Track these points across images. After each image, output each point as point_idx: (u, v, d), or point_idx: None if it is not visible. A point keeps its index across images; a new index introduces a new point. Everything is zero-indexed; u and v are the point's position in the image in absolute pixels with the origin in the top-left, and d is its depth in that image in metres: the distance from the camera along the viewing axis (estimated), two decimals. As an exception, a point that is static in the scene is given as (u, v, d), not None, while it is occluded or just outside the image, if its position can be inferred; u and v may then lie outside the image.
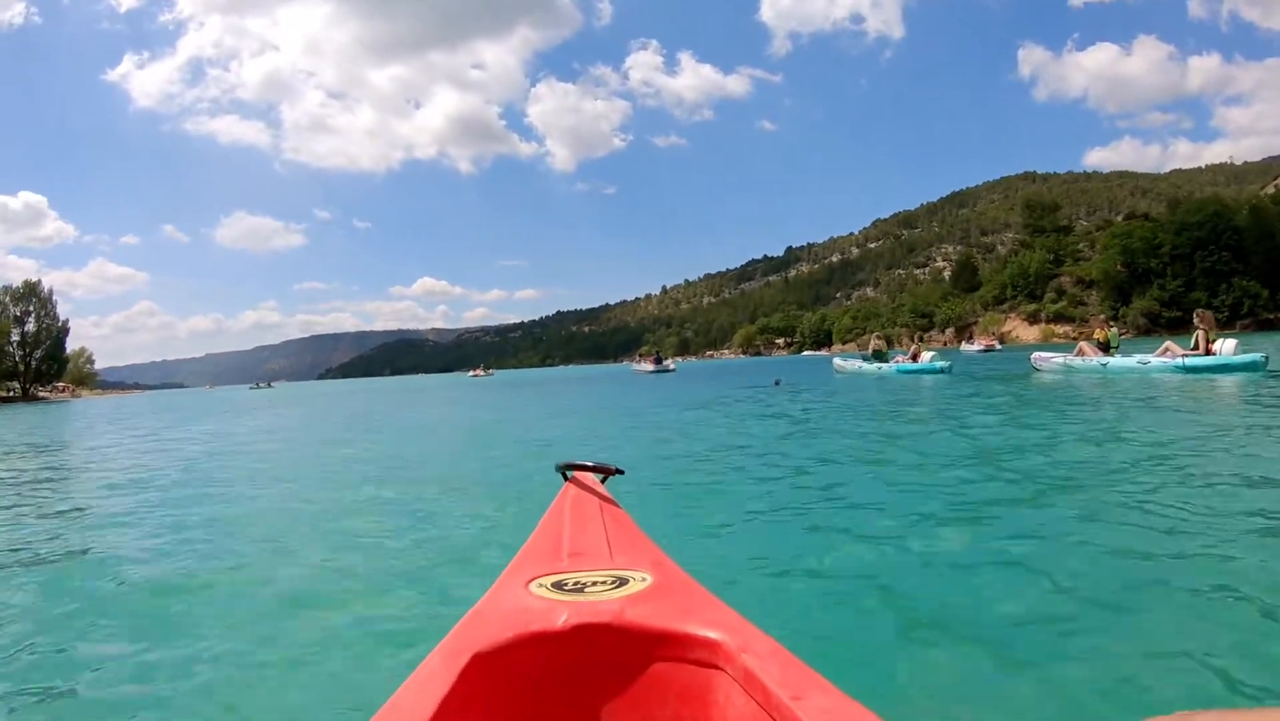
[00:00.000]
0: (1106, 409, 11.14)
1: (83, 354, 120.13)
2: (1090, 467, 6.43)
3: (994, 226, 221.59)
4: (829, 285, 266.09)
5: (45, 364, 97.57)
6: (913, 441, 8.85)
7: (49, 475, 10.65)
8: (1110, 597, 3.26)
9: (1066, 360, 21.30)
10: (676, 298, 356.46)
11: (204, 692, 2.79)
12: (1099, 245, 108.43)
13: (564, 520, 1.96)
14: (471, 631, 1.32)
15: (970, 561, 3.98)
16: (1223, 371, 16.44)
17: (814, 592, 3.66)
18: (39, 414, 38.25)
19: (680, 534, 4.81)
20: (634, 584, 1.48)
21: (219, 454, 12.43)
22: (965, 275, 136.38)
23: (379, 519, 6.00)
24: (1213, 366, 16.79)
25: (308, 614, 3.69)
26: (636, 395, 24.88)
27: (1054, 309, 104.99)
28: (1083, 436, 8.33)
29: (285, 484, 8.50)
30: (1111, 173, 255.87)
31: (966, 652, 2.83)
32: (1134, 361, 18.89)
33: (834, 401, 16.47)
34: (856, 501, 5.63)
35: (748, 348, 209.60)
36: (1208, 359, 17.09)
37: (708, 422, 12.95)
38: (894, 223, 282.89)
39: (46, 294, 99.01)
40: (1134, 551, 3.86)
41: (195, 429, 19.48)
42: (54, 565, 4.91)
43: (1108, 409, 11.11)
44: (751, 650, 1.22)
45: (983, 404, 13.47)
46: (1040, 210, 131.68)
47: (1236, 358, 16.61)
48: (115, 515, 6.70)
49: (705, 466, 7.65)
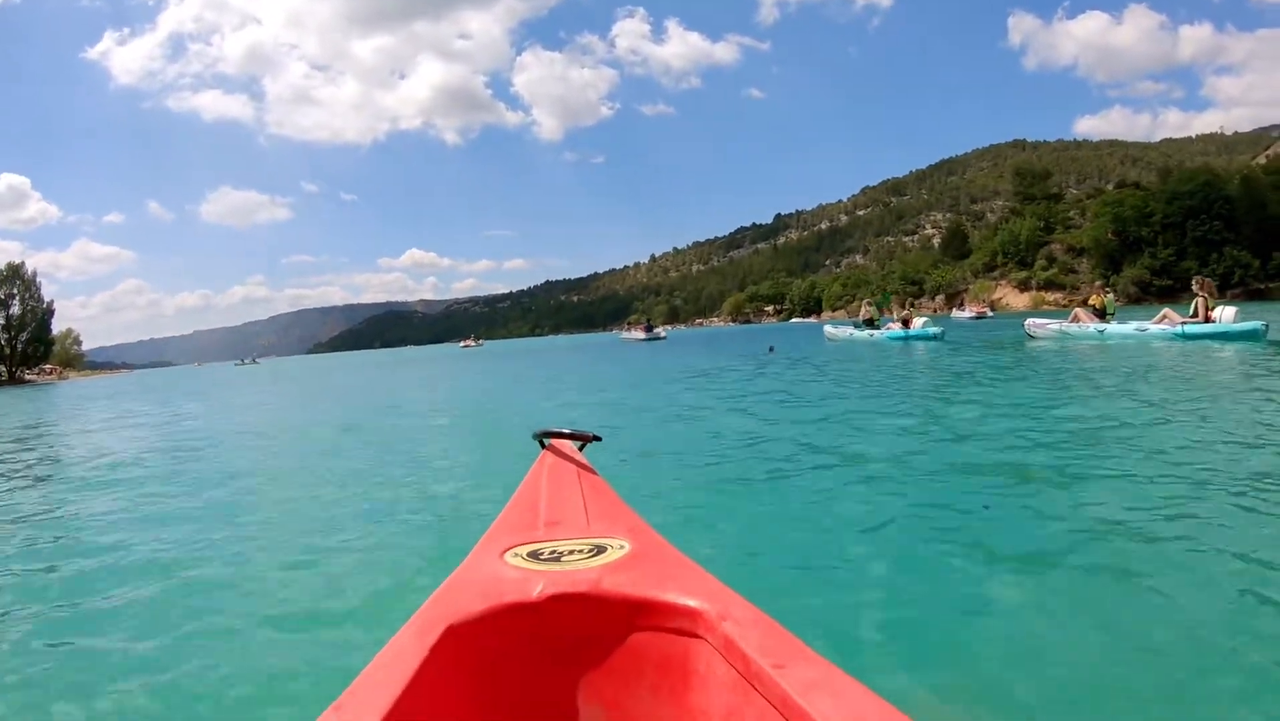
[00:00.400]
0: (1106, 376, 10.95)
1: (69, 335, 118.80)
2: (1091, 435, 6.32)
3: (983, 194, 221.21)
4: (818, 252, 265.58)
5: (31, 346, 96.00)
6: (907, 407, 8.83)
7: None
8: (1108, 568, 3.24)
9: (1062, 327, 21.11)
10: (665, 266, 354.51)
11: (166, 671, 2.75)
12: (1090, 213, 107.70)
13: (541, 488, 1.94)
14: (445, 603, 1.29)
15: (962, 528, 3.93)
16: (1222, 339, 16.27)
17: (799, 560, 3.64)
18: (14, 399, 38.06)
19: (676, 503, 4.78)
20: (612, 552, 1.45)
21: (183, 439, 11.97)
22: (955, 243, 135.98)
23: (352, 492, 5.93)
24: (1212, 334, 16.63)
25: (277, 587, 3.67)
26: (630, 366, 24.38)
27: (1044, 276, 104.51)
28: (1084, 404, 8.23)
29: (259, 459, 8.53)
30: (1101, 141, 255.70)
31: (952, 621, 2.83)
32: (1131, 328, 18.76)
33: (829, 370, 16.30)
34: (854, 470, 5.56)
35: (737, 315, 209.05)
36: (1207, 326, 16.92)
37: (710, 394, 12.46)
38: (883, 190, 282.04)
39: (30, 276, 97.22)
40: (1131, 521, 3.82)
41: (156, 413, 18.50)
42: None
43: (1107, 376, 10.93)
44: (732, 617, 1.20)
45: (976, 370, 13.38)
46: (1031, 178, 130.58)
47: (1236, 325, 16.46)
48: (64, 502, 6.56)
49: (713, 445, 7.28)
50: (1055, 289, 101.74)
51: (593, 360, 30.10)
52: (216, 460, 8.62)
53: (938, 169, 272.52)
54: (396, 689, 1.04)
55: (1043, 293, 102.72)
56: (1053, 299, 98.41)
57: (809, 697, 0.98)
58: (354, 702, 1.01)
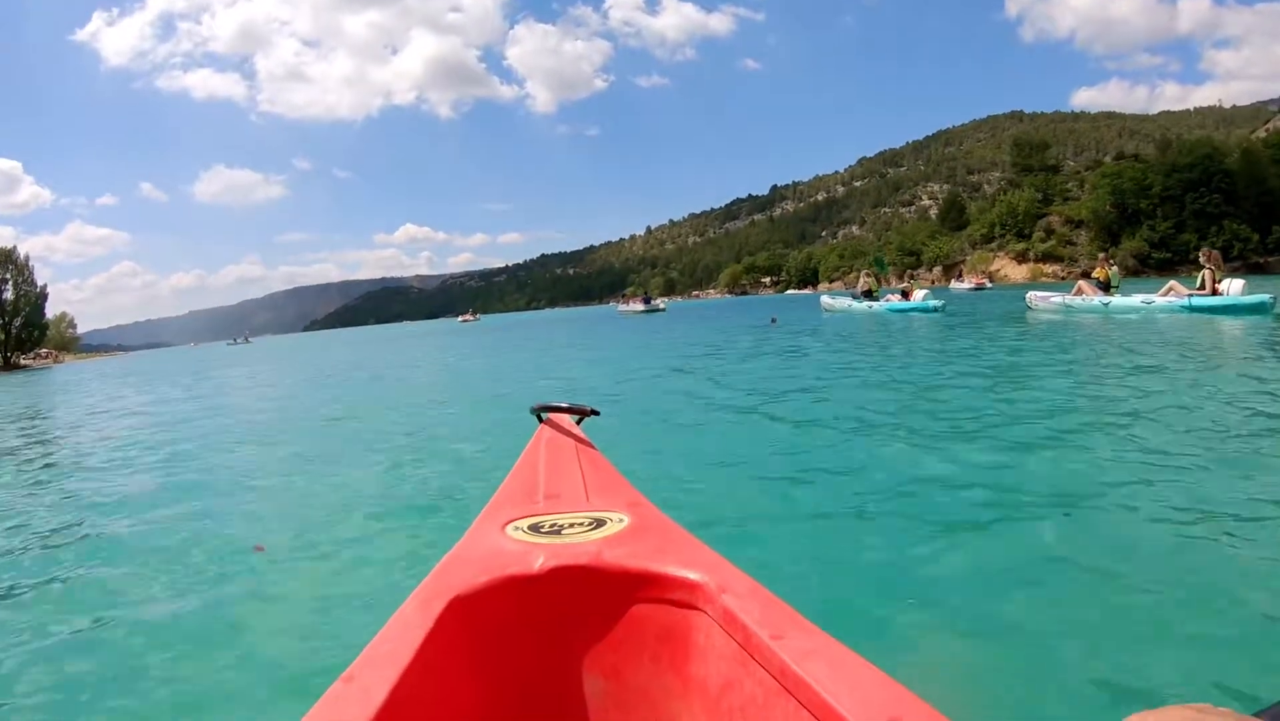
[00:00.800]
0: (1112, 350, 10.69)
1: (64, 319, 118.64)
2: (1101, 409, 6.29)
3: (980, 165, 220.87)
4: (814, 224, 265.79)
5: (25, 331, 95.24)
6: (912, 383, 8.66)
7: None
8: (1111, 555, 3.18)
9: (1065, 299, 20.79)
10: (661, 238, 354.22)
11: (170, 648, 2.82)
12: (1088, 185, 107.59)
13: (539, 462, 1.96)
14: (448, 575, 1.31)
15: (963, 506, 3.95)
16: (1229, 312, 15.98)
17: (802, 533, 3.70)
18: (7, 385, 37.94)
19: (681, 479, 4.77)
20: (611, 525, 1.47)
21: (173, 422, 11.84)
22: (953, 214, 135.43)
23: (353, 468, 6.03)
24: (1219, 307, 16.39)
25: (282, 562, 3.74)
26: (630, 340, 23.96)
27: (1043, 248, 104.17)
28: (1095, 379, 8.15)
29: (252, 437, 8.67)
30: (1099, 113, 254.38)
31: (949, 598, 2.86)
32: (1137, 301, 18.47)
33: (833, 343, 16.00)
34: (861, 445, 5.55)
35: (734, 287, 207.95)
36: (1215, 299, 16.66)
37: (714, 367, 12.20)
38: (879, 161, 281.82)
39: (23, 260, 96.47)
40: (1146, 503, 3.75)
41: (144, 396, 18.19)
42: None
43: (1114, 350, 10.65)
44: (731, 590, 1.22)
45: (981, 345, 13.04)
46: (1029, 149, 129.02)
47: (1244, 298, 16.23)
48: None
49: (717, 420, 7.22)
50: (1053, 260, 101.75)
51: (591, 334, 29.88)
52: (207, 439, 8.75)
53: (934, 140, 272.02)
54: (404, 659, 1.06)
55: (1041, 264, 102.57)
56: (1051, 270, 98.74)
57: (805, 666, 1.01)
58: (364, 673, 1.03)
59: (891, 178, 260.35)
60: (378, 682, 1.01)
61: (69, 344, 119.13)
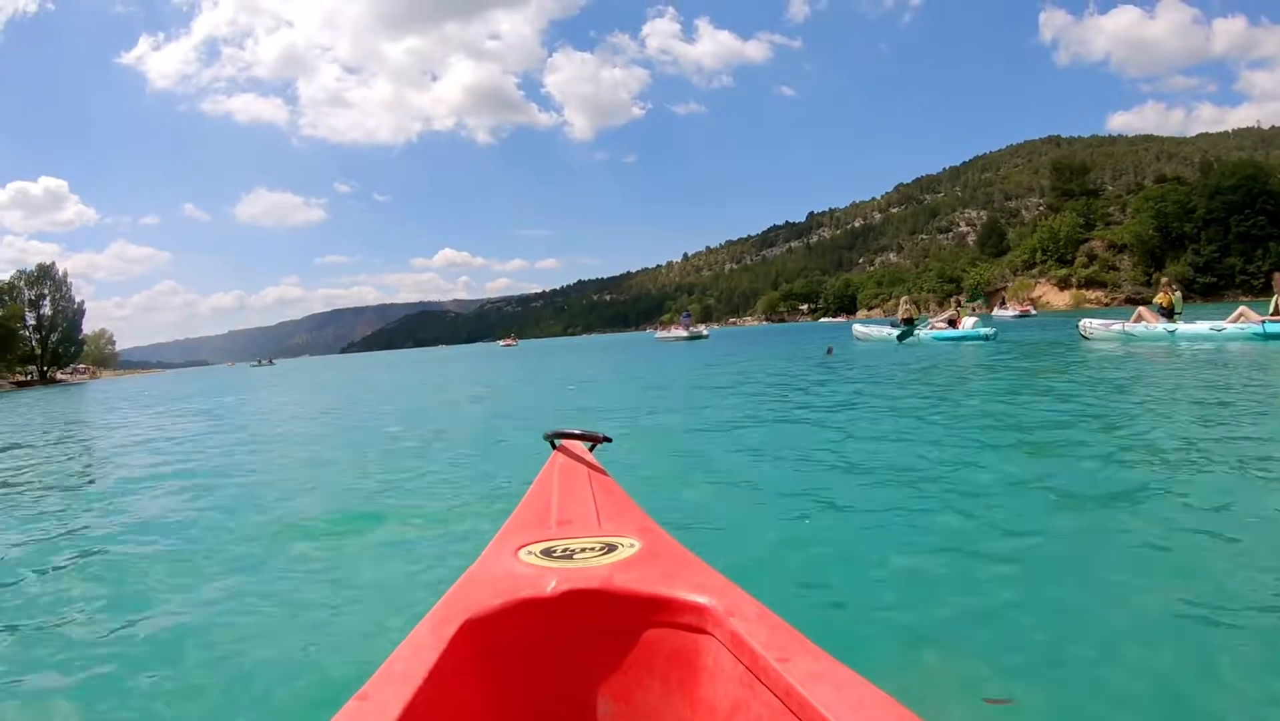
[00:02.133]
0: (1192, 382, 9.72)
1: (103, 335, 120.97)
2: (1194, 449, 5.51)
3: (1018, 191, 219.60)
4: (851, 250, 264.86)
5: (62, 346, 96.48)
6: (985, 420, 7.67)
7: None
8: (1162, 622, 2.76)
9: (1125, 327, 19.29)
10: (698, 265, 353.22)
11: (179, 676, 2.80)
12: (1130, 209, 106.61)
13: (552, 488, 2.00)
14: (462, 598, 1.33)
15: (1010, 547, 3.60)
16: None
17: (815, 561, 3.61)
18: (29, 400, 38.40)
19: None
20: (622, 550, 1.48)
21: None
22: (993, 240, 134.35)
23: (371, 490, 5.98)
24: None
25: (296, 582, 3.75)
26: (678, 371, 20.76)
27: (1085, 274, 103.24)
28: (1188, 415, 7.12)
29: (280, 455, 8.73)
30: (1136, 136, 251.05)
31: (964, 631, 2.75)
32: (1205, 328, 17.08)
33: (895, 377, 13.57)
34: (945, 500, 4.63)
35: (771, 314, 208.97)
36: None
37: (783, 405, 10.41)
38: (916, 187, 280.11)
39: (61, 276, 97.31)
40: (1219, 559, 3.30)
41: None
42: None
43: (1193, 382, 9.71)
44: (739, 614, 1.23)
45: (1043, 376, 12.16)
46: (1069, 173, 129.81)
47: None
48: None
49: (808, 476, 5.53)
50: (1096, 286, 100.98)
51: (634, 363, 28.23)
52: (231, 458, 8.76)
53: (971, 165, 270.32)
54: (417, 680, 1.08)
55: (1083, 291, 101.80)
56: (1094, 297, 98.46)
57: (812, 689, 1.02)
58: (378, 691, 1.05)
59: (928, 204, 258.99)
60: (392, 701, 1.03)
61: (108, 360, 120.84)
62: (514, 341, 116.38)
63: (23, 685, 2.78)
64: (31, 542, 5.04)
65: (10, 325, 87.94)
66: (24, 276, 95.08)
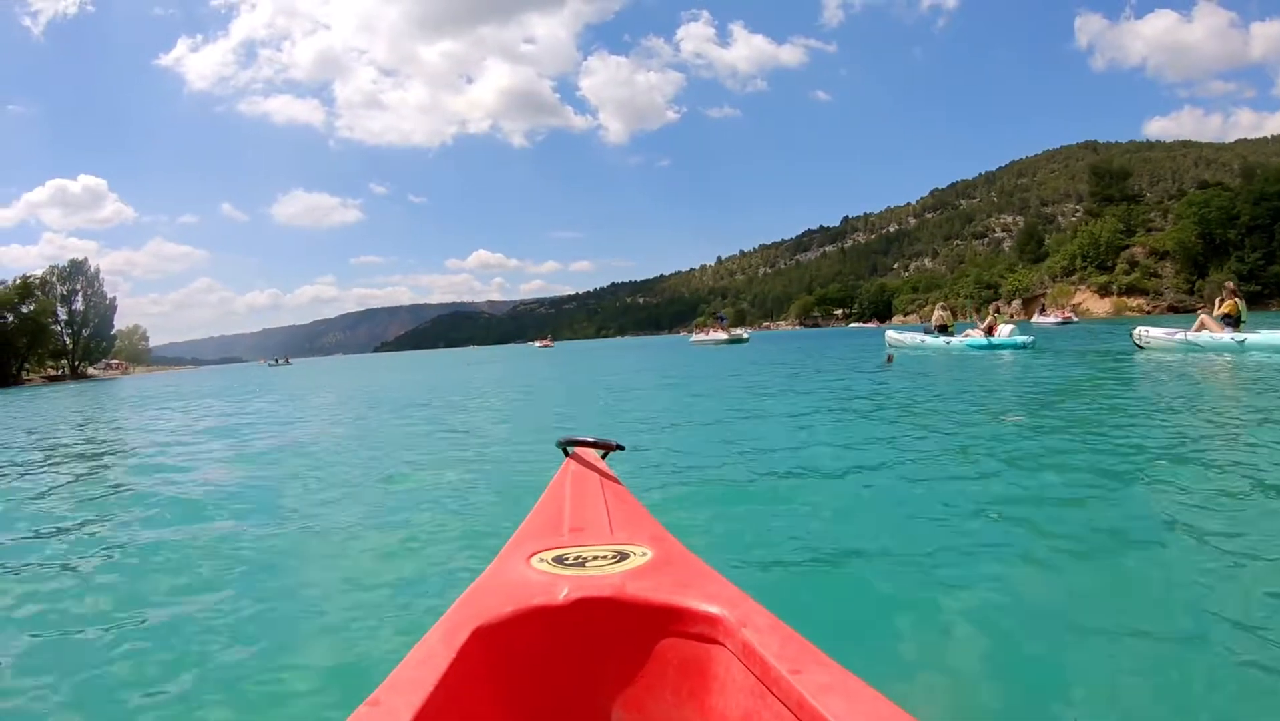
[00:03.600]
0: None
1: (136, 331, 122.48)
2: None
3: (1054, 197, 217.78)
4: (886, 256, 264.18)
5: (93, 341, 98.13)
6: (1038, 435, 6.94)
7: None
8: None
9: (1187, 336, 17.64)
10: (731, 268, 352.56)
11: (182, 681, 2.77)
12: (1172, 215, 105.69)
13: (565, 495, 2.01)
14: (473, 605, 1.33)
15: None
16: None
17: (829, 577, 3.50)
18: (51, 395, 38.84)
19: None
20: (634, 558, 1.49)
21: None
22: (1031, 245, 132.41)
23: (382, 500, 5.83)
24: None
25: (307, 587, 3.76)
26: (729, 381, 17.36)
27: (1126, 281, 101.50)
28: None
29: (285, 461, 8.36)
30: (1175, 142, 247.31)
31: (981, 644, 2.72)
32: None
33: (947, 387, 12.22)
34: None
35: (805, 319, 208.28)
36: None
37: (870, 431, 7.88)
38: (951, 193, 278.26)
39: (93, 272, 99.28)
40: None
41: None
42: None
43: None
44: (751, 624, 1.23)
45: (1088, 389, 10.99)
46: (1109, 178, 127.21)
47: None
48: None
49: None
50: (1137, 294, 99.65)
51: (676, 366, 26.21)
52: (243, 457, 8.79)
53: (1006, 170, 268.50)
54: (428, 686, 1.08)
55: (1124, 298, 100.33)
56: (1135, 304, 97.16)
57: (823, 700, 1.02)
58: (389, 697, 1.05)
59: (964, 209, 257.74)
60: (402, 707, 1.03)
61: (141, 356, 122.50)
62: (550, 342, 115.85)
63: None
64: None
65: (41, 320, 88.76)
66: (56, 272, 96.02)
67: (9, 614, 3.59)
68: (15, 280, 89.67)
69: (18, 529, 5.53)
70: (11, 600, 3.78)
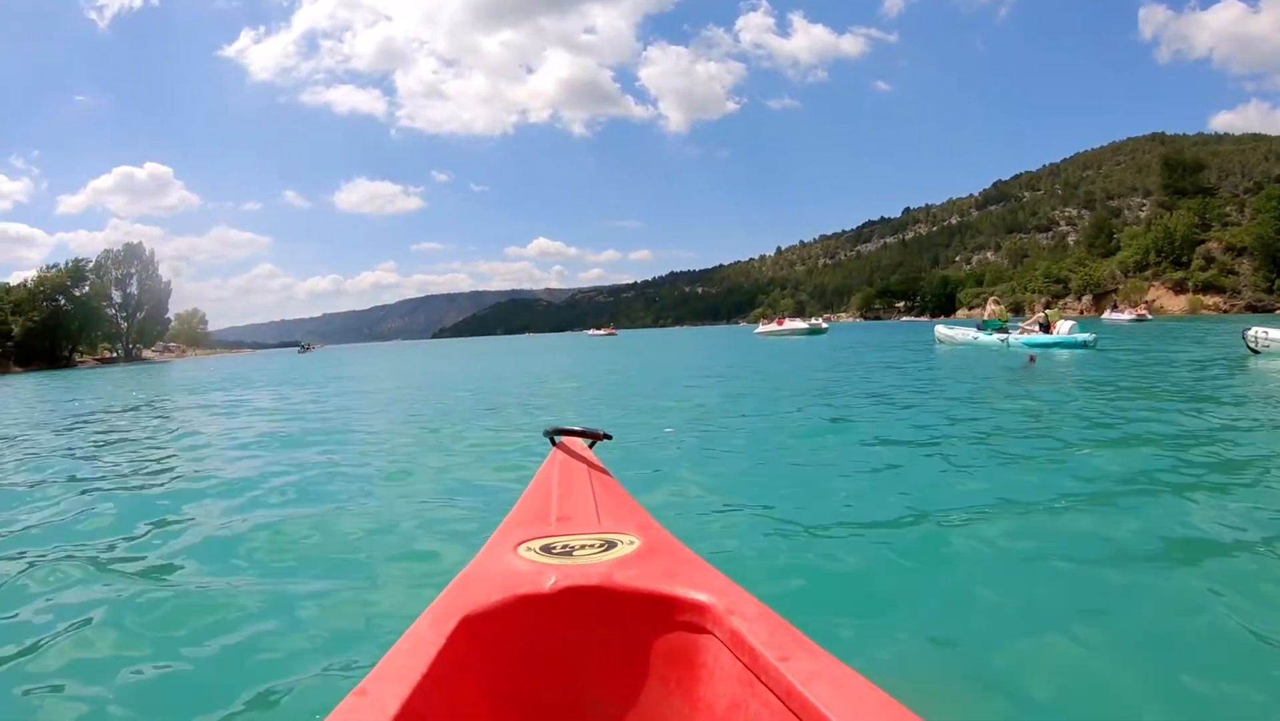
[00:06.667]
0: None
1: (195, 315, 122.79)
2: None
3: (1120, 190, 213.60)
4: (948, 248, 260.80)
5: (147, 324, 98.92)
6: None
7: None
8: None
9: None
10: (791, 259, 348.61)
11: (164, 670, 2.75)
12: (1250, 209, 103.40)
13: (552, 484, 2.00)
14: (460, 594, 1.32)
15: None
16: None
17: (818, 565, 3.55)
18: (87, 379, 38.60)
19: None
20: (622, 547, 1.48)
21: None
22: (1101, 239, 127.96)
23: (368, 488, 5.79)
24: None
25: (295, 576, 3.71)
26: (843, 383, 13.74)
27: (1202, 278, 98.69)
28: None
29: (280, 452, 8.13)
30: (1244, 135, 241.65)
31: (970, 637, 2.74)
32: None
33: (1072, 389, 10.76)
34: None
35: (866, 311, 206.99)
36: None
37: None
38: (1014, 185, 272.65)
39: (148, 255, 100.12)
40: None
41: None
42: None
43: None
44: (739, 612, 1.22)
45: (1183, 398, 9.15)
46: (1181, 170, 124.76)
47: None
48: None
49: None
50: (1214, 291, 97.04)
51: (759, 361, 23.37)
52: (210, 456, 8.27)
53: (1071, 163, 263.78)
54: (415, 676, 1.07)
55: (1200, 295, 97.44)
56: (1211, 302, 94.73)
57: (811, 687, 1.02)
58: (376, 687, 1.05)
59: (1027, 202, 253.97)
60: (390, 697, 1.02)
61: (200, 339, 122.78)
62: (614, 330, 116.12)
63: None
64: None
65: (95, 303, 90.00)
66: (111, 255, 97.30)
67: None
68: (67, 263, 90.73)
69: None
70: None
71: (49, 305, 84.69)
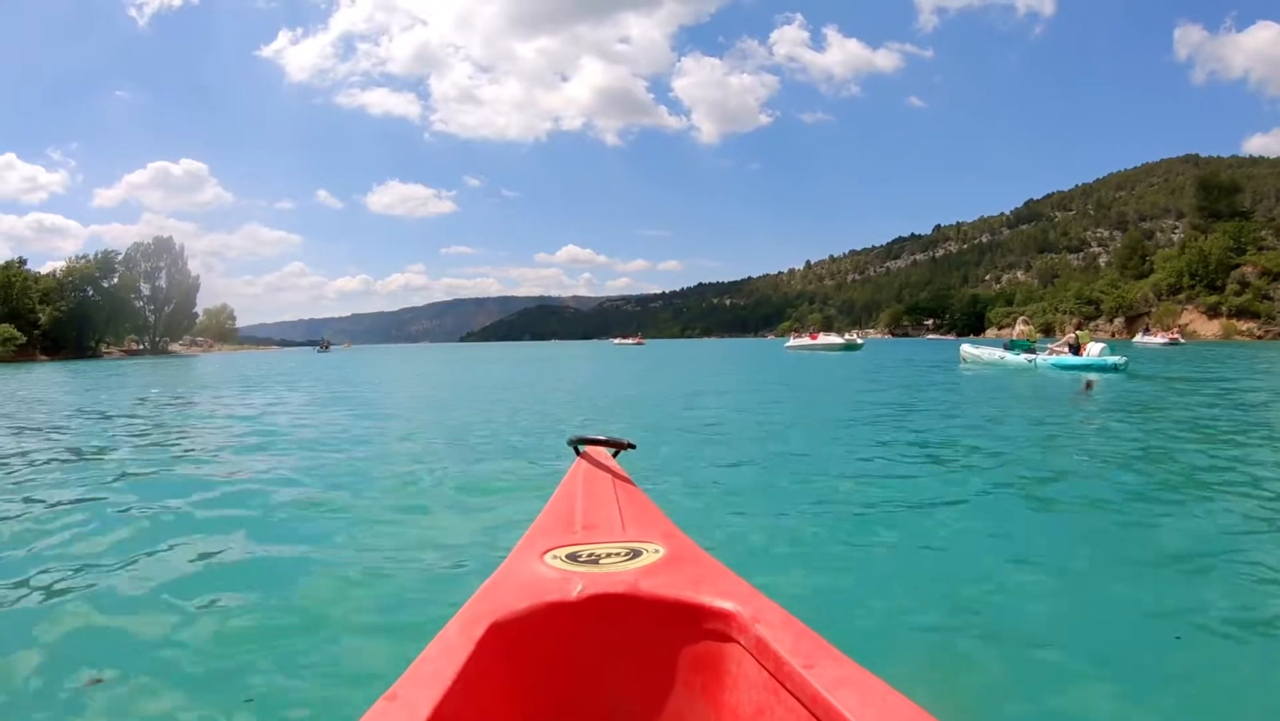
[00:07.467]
0: None
1: (224, 310, 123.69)
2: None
3: (1153, 212, 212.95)
4: (978, 267, 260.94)
5: (175, 318, 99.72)
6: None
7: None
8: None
9: None
10: (820, 273, 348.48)
11: (197, 674, 2.79)
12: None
13: (576, 493, 2.01)
14: (488, 601, 1.33)
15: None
16: None
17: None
18: (106, 371, 38.55)
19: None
20: (647, 555, 1.49)
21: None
22: (1134, 261, 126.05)
23: (399, 499, 5.79)
24: None
25: (325, 583, 3.74)
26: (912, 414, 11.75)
27: (1236, 303, 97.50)
28: None
29: (294, 457, 8.05)
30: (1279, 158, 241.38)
31: (996, 650, 2.85)
32: None
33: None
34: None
35: (894, 327, 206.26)
36: None
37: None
38: (1046, 204, 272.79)
39: (178, 249, 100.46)
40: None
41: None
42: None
43: None
44: (764, 620, 1.23)
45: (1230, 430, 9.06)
46: (1217, 192, 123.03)
47: None
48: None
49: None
50: (1248, 316, 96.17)
51: (803, 380, 22.32)
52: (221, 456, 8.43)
53: (1104, 183, 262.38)
54: (446, 680, 1.08)
55: (1234, 320, 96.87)
56: (1245, 328, 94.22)
57: (836, 694, 1.03)
58: (407, 691, 1.06)
59: (1059, 221, 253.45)
60: (421, 701, 1.04)
61: (228, 335, 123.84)
62: (641, 340, 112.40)
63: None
64: None
65: (122, 295, 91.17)
66: (140, 248, 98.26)
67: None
68: (97, 255, 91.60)
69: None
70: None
71: (77, 295, 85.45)
